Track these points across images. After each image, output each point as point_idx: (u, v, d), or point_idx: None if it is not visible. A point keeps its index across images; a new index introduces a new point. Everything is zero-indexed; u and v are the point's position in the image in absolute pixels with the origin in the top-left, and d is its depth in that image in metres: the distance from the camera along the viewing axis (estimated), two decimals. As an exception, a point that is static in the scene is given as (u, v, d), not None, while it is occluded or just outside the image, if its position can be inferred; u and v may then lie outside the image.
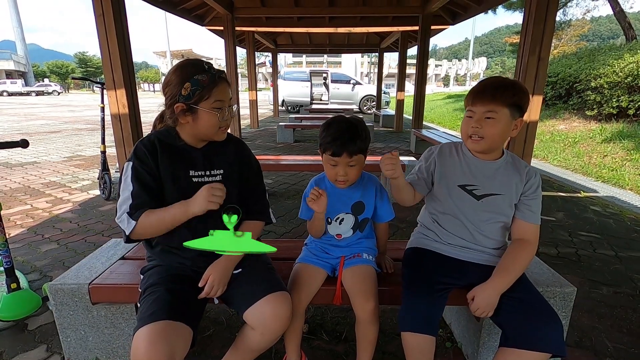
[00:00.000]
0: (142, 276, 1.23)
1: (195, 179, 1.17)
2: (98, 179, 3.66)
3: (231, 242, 1.00)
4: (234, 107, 1.18)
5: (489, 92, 1.14)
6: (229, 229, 1.00)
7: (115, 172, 3.72)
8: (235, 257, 1.20)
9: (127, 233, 1.10)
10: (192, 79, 1.07)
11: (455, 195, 1.25)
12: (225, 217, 1.00)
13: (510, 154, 1.26)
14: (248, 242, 1.01)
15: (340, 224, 1.32)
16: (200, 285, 1.13)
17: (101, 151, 3.52)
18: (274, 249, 0.99)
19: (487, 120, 1.13)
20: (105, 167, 3.52)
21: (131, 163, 1.11)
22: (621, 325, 1.73)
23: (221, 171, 1.22)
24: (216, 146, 1.22)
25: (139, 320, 1.01)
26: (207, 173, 1.19)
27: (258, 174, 1.34)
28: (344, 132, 1.19)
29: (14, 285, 1.71)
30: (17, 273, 1.83)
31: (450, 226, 1.28)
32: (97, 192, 3.79)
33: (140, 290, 1.17)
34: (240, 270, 1.22)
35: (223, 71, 1.14)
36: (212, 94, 1.09)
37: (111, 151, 3.71)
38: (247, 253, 1.20)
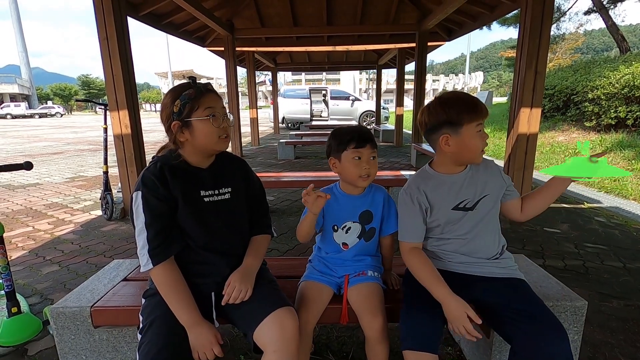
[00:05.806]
0: (144, 300, 1.19)
1: (206, 199, 1.18)
2: (100, 199, 3.66)
3: (587, 167, 1.06)
4: (231, 116, 1.20)
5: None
6: (584, 156, 1.06)
7: (117, 192, 3.72)
8: (256, 264, 1.22)
9: (141, 270, 1.09)
10: (180, 96, 1.11)
11: (453, 219, 1.25)
12: (579, 144, 1.07)
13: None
14: (604, 167, 1.06)
15: (347, 232, 1.32)
16: (224, 293, 1.12)
17: (103, 171, 3.54)
18: (629, 173, 1.10)
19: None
20: (107, 187, 3.53)
21: (140, 192, 1.10)
22: (634, 340, 1.69)
23: (229, 189, 1.23)
24: (221, 165, 1.24)
25: (141, 357, 1.00)
26: (217, 192, 1.20)
27: (261, 189, 1.36)
28: (360, 128, 1.29)
29: (14, 309, 1.68)
30: (18, 296, 1.81)
31: (449, 245, 1.27)
32: (99, 212, 3.79)
33: (141, 316, 1.13)
34: None
35: (209, 83, 1.17)
36: (201, 103, 1.11)
37: (113, 171, 3.72)
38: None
